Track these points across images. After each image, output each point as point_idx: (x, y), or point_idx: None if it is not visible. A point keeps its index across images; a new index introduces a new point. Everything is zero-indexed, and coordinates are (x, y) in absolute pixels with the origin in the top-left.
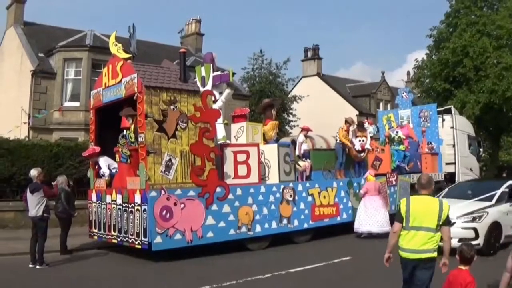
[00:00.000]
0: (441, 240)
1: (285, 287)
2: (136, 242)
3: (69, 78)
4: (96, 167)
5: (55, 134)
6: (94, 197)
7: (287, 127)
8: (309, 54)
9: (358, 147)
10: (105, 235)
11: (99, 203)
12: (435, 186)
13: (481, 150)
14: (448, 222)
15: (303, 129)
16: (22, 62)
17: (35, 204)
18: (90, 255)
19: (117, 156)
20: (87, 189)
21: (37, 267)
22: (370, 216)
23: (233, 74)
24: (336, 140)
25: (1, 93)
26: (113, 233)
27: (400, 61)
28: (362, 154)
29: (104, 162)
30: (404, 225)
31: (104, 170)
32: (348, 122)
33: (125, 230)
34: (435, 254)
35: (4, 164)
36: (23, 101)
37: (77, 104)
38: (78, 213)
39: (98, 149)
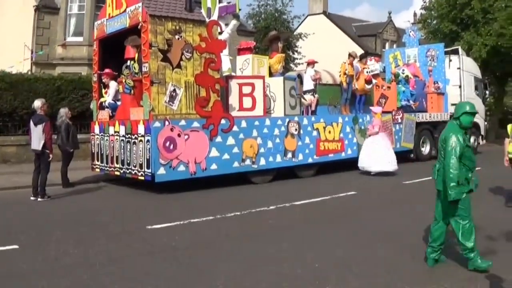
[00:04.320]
0: None
1: (289, 218)
2: (139, 174)
3: (72, 13)
4: (105, 90)
5: (58, 69)
6: (96, 129)
7: (291, 65)
8: None
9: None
10: (107, 168)
11: (101, 135)
12: (441, 126)
13: (487, 92)
14: None
15: (309, 63)
16: None
17: (38, 137)
18: (92, 188)
19: (120, 87)
20: (89, 122)
21: (39, 199)
22: (378, 155)
23: (239, 9)
24: (340, 75)
25: (4, 29)
26: (115, 165)
27: (407, 3)
28: (370, 86)
29: (115, 86)
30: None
31: (111, 92)
32: (351, 55)
33: (128, 161)
34: None
35: (6, 98)
36: (26, 37)
37: (80, 39)
38: (81, 147)
39: (115, 73)
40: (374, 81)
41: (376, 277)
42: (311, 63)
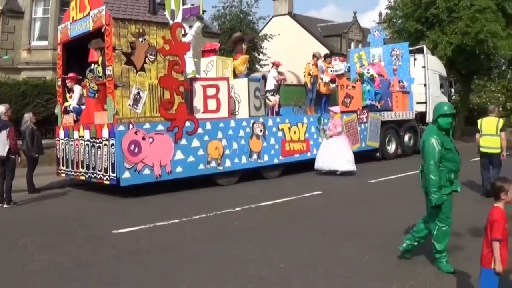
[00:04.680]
0: None
1: (255, 219)
2: (104, 178)
3: (37, 17)
4: (69, 95)
5: (23, 74)
6: (61, 134)
7: (257, 66)
8: None
9: (326, 79)
10: (73, 172)
11: (66, 139)
12: (407, 124)
13: (453, 90)
14: (502, 130)
15: (274, 64)
16: None
17: (3, 143)
18: (58, 193)
19: (84, 91)
20: (54, 127)
21: (4, 206)
22: (339, 155)
23: (204, 11)
24: (304, 75)
25: None
26: (81, 169)
27: (372, 3)
28: (334, 85)
29: (79, 90)
30: (481, 133)
31: (75, 96)
32: (315, 56)
33: (93, 166)
34: (499, 150)
35: None
36: None
37: (45, 43)
38: (46, 152)
39: (79, 77)
40: (333, 85)
41: (341, 277)
42: (275, 65)
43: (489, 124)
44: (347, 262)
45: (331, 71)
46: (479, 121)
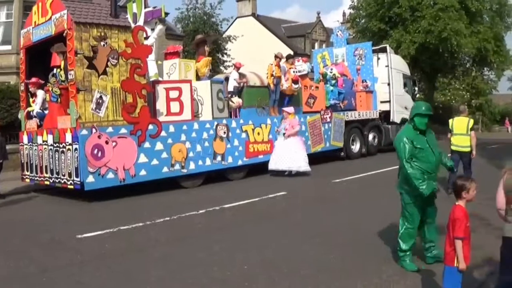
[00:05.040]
0: None
1: (219, 221)
2: (69, 183)
3: (0, 21)
4: (32, 99)
5: None
6: (25, 139)
7: (221, 67)
8: None
9: (286, 84)
10: (37, 178)
11: (30, 144)
12: (371, 123)
13: (416, 89)
14: (472, 129)
15: (235, 66)
16: None
17: None
18: (23, 199)
19: (47, 95)
20: (18, 132)
21: None
22: (294, 155)
23: (166, 14)
24: (267, 77)
25: None
26: (45, 174)
27: (336, 3)
28: (297, 86)
29: (42, 95)
30: (452, 133)
31: (38, 101)
32: (277, 56)
33: (57, 171)
34: (469, 149)
35: None
36: None
37: (8, 47)
38: (11, 157)
39: (41, 81)
40: (296, 85)
41: (306, 276)
42: (236, 67)
43: (460, 124)
44: (312, 261)
45: (294, 71)
46: (450, 121)
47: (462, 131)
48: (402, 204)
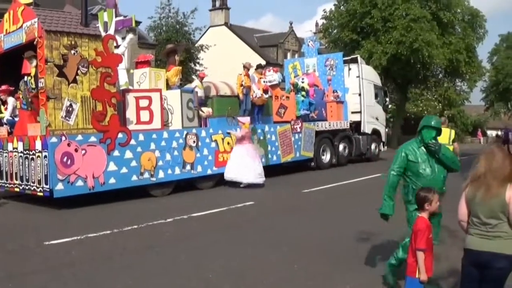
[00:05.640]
0: None
1: (187, 229)
2: (38, 190)
3: None
4: (4, 107)
5: None
6: None
7: (194, 77)
8: (217, 3)
9: (258, 93)
10: (7, 184)
11: (0, 151)
12: (341, 134)
13: (388, 99)
14: (454, 141)
15: (199, 76)
16: None
17: None
18: None
19: (18, 103)
20: None
21: None
22: (247, 167)
23: (138, 23)
24: (237, 87)
25: None
26: (15, 181)
27: (311, 13)
28: (267, 96)
29: (12, 102)
30: None
31: (9, 108)
32: (245, 66)
33: (27, 178)
34: None
35: None
36: None
37: None
38: None
39: (12, 88)
40: (266, 95)
41: (270, 285)
42: (199, 76)
43: (443, 135)
44: (276, 270)
45: (264, 81)
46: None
47: (445, 141)
48: (407, 215)
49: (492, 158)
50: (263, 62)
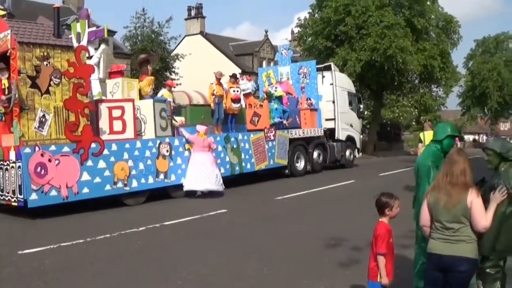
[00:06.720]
0: None
1: (158, 238)
2: (12, 200)
3: None
4: None
5: None
6: None
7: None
8: (193, 12)
9: (230, 98)
10: None
11: None
12: (316, 141)
13: (362, 106)
14: None
15: (167, 84)
16: None
17: None
18: None
19: None
20: None
21: None
22: (205, 174)
23: (113, 32)
24: (209, 96)
25: None
26: None
27: (287, 22)
28: (237, 105)
29: None
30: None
31: None
32: (216, 76)
33: (1, 188)
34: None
35: None
36: None
37: None
38: None
39: None
40: (237, 104)
41: None
42: (167, 85)
43: (431, 137)
44: (246, 277)
45: (234, 91)
46: (421, 134)
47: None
48: (417, 236)
49: (451, 165)
50: (239, 71)
